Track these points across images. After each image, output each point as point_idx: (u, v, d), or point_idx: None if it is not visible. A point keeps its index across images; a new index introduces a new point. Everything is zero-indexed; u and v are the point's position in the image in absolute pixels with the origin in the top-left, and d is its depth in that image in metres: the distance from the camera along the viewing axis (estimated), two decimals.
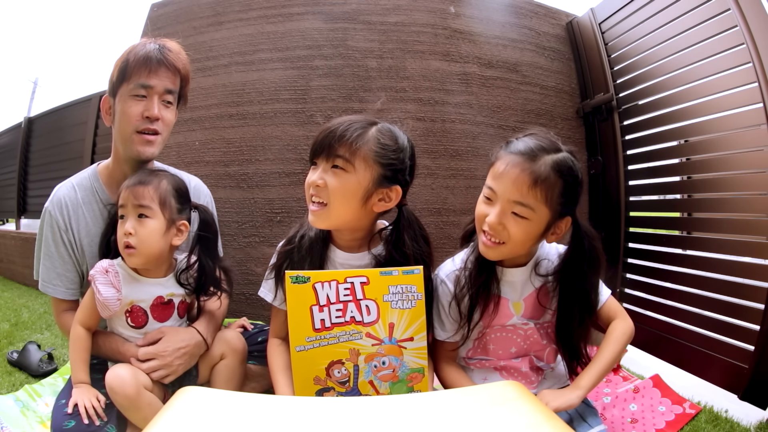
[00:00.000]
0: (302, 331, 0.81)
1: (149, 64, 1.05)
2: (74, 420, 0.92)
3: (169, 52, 1.08)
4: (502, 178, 0.88)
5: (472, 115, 1.87)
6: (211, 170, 1.82)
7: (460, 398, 0.67)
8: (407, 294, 0.85)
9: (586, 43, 1.98)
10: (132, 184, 0.99)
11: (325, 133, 0.93)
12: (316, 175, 0.93)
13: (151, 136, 1.08)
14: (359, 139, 0.91)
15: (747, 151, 1.36)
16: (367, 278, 0.85)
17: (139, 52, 1.05)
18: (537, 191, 0.85)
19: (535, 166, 0.86)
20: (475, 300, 0.96)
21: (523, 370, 1.01)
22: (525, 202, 0.86)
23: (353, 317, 0.83)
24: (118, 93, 1.07)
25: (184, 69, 1.12)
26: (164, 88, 1.08)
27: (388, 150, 0.94)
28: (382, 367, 0.83)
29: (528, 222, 0.87)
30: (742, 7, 1.31)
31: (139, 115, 1.06)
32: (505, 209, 0.88)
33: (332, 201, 0.91)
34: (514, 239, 0.88)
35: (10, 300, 2.66)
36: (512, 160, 0.88)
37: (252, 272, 1.75)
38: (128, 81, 1.05)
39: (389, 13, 1.90)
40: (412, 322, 0.85)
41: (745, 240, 1.35)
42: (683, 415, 1.24)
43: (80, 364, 0.99)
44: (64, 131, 3.29)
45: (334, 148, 0.91)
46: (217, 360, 1.07)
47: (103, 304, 0.96)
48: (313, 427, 0.58)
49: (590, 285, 0.95)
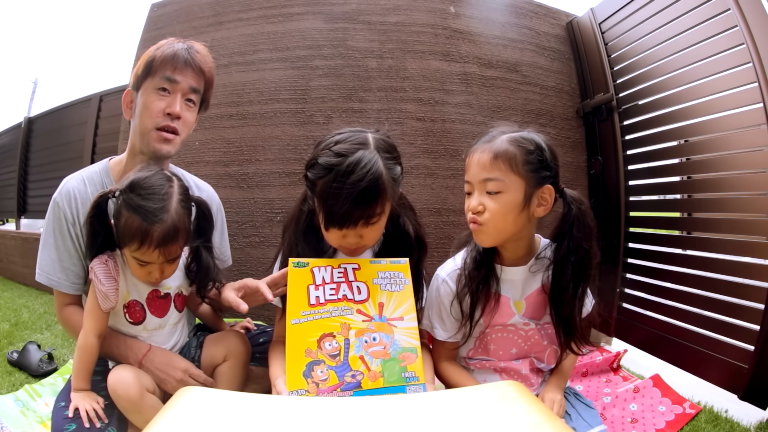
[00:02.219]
0: (298, 306, 0.86)
1: (176, 61, 1.06)
2: (75, 423, 0.92)
3: (196, 53, 1.10)
4: (470, 167, 0.96)
5: (472, 115, 1.87)
6: (211, 170, 1.82)
7: (460, 398, 0.67)
8: (395, 279, 0.92)
9: (586, 43, 1.98)
10: (160, 244, 0.91)
11: (353, 206, 0.85)
12: (350, 236, 0.91)
13: (169, 134, 1.08)
14: (386, 187, 0.88)
15: (747, 151, 1.36)
16: (358, 265, 0.92)
17: (166, 50, 1.06)
18: (499, 162, 0.91)
19: (493, 145, 0.93)
20: (476, 297, 0.97)
21: (524, 372, 1.00)
22: (491, 176, 0.91)
23: (345, 295, 0.89)
24: (141, 87, 1.08)
25: (209, 72, 1.13)
26: (189, 86, 1.09)
27: (396, 172, 0.93)
28: (373, 343, 0.85)
29: (503, 195, 0.92)
30: (742, 7, 1.31)
31: (161, 111, 1.06)
32: (480, 190, 0.94)
33: (370, 243, 0.96)
34: (494, 214, 0.92)
35: (10, 300, 2.66)
36: (475, 149, 0.96)
37: (252, 272, 1.75)
38: (153, 75, 1.06)
39: (389, 13, 1.90)
40: (401, 303, 0.90)
41: (745, 240, 1.35)
42: (683, 415, 1.24)
43: (83, 374, 0.97)
44: (64, 131, 3.30)
45: (368, 212, 0.88)
46: (220, 361, 1.06)
47: (104, 294, 0.95)
48: (313, 427, 0.58)
49: (582, 251, 0.93)
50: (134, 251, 0.92)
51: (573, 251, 0.93)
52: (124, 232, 0.91)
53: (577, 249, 0.93)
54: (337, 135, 0.91)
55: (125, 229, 0.90)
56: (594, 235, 0.96)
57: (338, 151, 0.87)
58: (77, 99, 3.21)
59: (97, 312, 0.96)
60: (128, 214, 0.90)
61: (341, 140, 0.89)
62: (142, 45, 2.07)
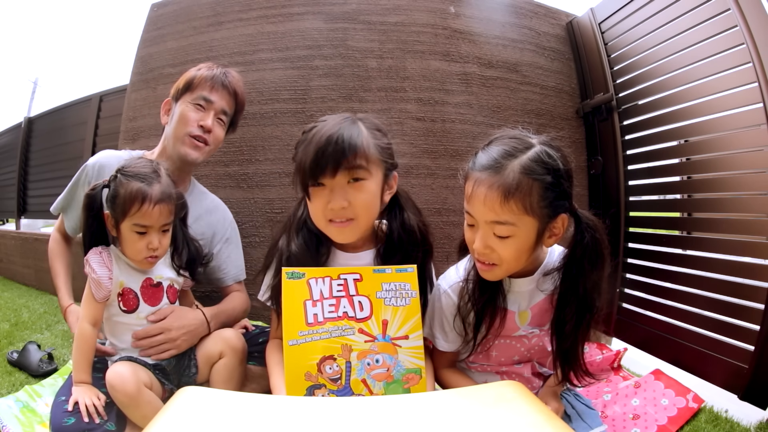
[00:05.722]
0: (295, 325, 0.80)
1: (214, 83, 1.24)
2: (74, 417, 0.92)
3: (232, 78, 1.27)
4: (473, 201, 0.82)
5: (472, 115, 1.87)
6: (211, 170, 1.82)
7: (460, 398, 0.67)
8: (401, 291, 0.84)
9: (586, 43, 1.98)
10: (159, 200, 1.00)
11: (325, 148, 0.82)
12: (335, 199, 0.85)
13: (200, 143, 1.23)
14: (366, 142, 0.86)
15: (747, 151, 1.35)
16: (360, 275, 0.85)
17: (206, 72, 1.24)
18: (511, 205, 0.77)
19: (501, 179, 0.78)
20: (481, 317, 0.92)
21: (526, 375, 1.00)
22: (502, 220, 0.79)
23: (346, 312, 0.82)
24: (180, 99, 1.24)
25: (241, 96, 1.31)
26: (221, 108, 1.25)
27: (383, 140, 0.91)
28: (376, 365, 0.80)
29: (514, 239, 0.80)
30: (742, 7, 1.31)
31: (195, 122, 1.22)
32: (487, 232, 0.81)
33: (360, 214, 0.87)
34: (506, 259, 0.82)
35: (10, 300, 2.65)
36: (478, 177, 0.81)
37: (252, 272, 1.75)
38: (192, 91, 1.23)
39: (389, 13, 1.90)
40: (407, 319, 0.83)
41: (745, 240, 1.35)
42: (686, 408, 1.22)
43: (83, 364, 0.99)
44: (64, 131, 3.29)
45: (349, 161, 0.83)
46: (216, 358, 1.07)
47: (97, 282, 0.99)
48: (312, 428, 0.58)
49: (590, 283, 0.86)
50: (134, 214, 0.97)
51: (580, 282, 0.85)
52: (124, 200, 0.97)
53: (584, 281, 0.85)
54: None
55: (125, 196, 0.97)
56: (606, 265, 0.87)
57: (321, 120, 0.90)
58: (77, 99, 3.20)
59: (92, 301, 1.00)
60: (127, 182, 0.98)
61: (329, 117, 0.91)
62: (142, 45, 2.07)
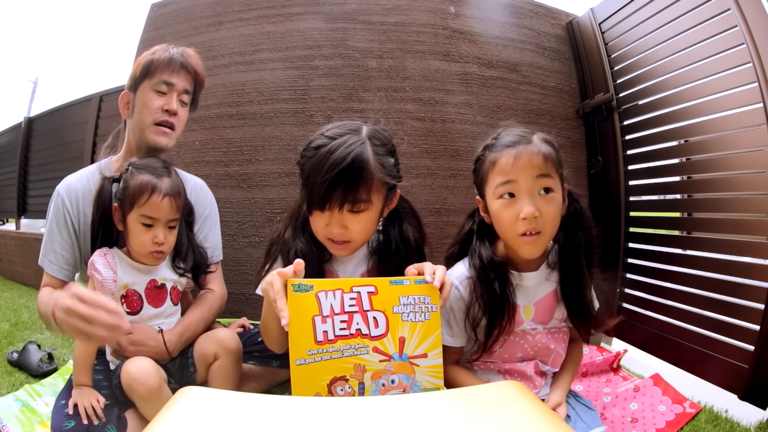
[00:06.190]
0: (303, 343, 0.74)
1: (172, 65, 1.18)
2: (74, 420, 0.93)
3: (189, 57, 1.23)
4: (516, 165, 0.90)
5: (472, 115, 1.87)
6: (211, 170, 1.82)
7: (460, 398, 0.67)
8: (420, 305, 0.77)
9: (586, 43, 1.98)
10: (167, 193, 1.00)
11: (334, 183, 0.83)
12: (333, 225, 0.88)
13: (167, 129, 1.19)
14: (372, 172, 0.86)
15: (747, 151, 1.35)
16: (375, 288, 0.77)
17: (162, 54, 1.19)
18: (549, 162, 0.90)
19: (534, 146, 0.91)
20: (494, 318, 0.94)
21: (528, 373, 1.00)
22: (548, 173, 0.90)
23: (359, 330, 0.76)
24: (139, 88, 1.18)
25: (201, 74, 1.26)
26: (183, 88, 1.21)
27: (389, 161, 0.91)
28: (391, 386, 0.76)
29: (555, 195, 0.91)
30: (742, 7, 1.31)
31: (159, 108, 1.17)
32: (533, 192, 0.89)
33: (356, 238, 0.91)
34: (550, 222, 0.91)
35: (10, 300, 2.66)
36: (514, 149, 0.91)
37: (251, 272, 1.75)
38: (151, 77, 1.17)
39: (389, 13, 1.90)
40: (426, 336, 0.77)
41: (745, 240, 1.35)
42: (683, 414, 1.24)
43: (85, 368, 1.00)
44: (64, 131, 3.29)
45: (354, 197, 0.85)
46: (211, 359, 1.07)
47: (101, 283, 0.99)
48: (313, 427, 0.58)
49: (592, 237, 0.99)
50: (143, 205, 0.99)
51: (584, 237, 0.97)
52: (133, 190, 0.99)
53: (588, 235, 0.98)
54: (334, 123, 0.94)
55: (135, 187, 0.99)
56: (592, 226, 1.01)
57: (329, 134, 0.90)
58: (77, 99, 3.20)
59: None
60: (137, 174, 1.00)
61: (335, 126, 0.92)
62: (142, 45, 2.07)
